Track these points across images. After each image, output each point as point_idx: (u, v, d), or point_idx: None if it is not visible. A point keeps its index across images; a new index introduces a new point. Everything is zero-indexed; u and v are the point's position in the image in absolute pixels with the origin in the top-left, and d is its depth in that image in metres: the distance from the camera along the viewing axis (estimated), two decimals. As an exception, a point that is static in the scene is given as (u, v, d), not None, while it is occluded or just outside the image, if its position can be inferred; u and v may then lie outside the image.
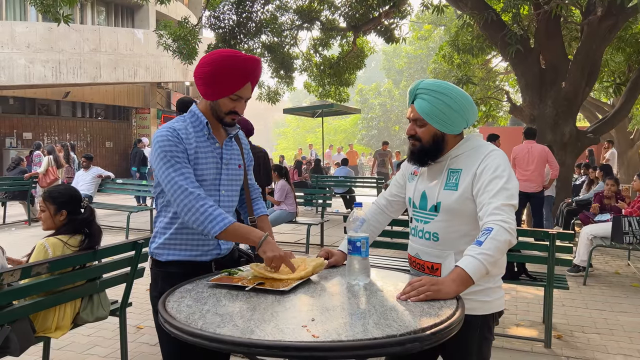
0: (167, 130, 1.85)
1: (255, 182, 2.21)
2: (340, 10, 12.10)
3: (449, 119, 1.77)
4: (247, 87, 1.87)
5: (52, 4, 7.66)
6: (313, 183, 11.61)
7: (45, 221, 2.77)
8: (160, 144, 1.81)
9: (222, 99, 1.86)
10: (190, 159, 1.84)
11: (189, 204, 1.76)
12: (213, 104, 1.90)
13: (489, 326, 1.81)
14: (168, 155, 1.80)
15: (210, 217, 1.75)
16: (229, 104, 1.88)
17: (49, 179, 9.47)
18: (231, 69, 1.81)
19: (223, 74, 1.82)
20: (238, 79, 1.83)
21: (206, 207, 1.76)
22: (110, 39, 17.24)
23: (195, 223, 1.76)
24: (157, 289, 1.90)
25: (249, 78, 1.86)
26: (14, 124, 17.45)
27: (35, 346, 2.67)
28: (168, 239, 1.90)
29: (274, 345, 1.20)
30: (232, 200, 2.02)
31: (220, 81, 1.83)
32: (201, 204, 1.76)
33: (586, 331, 4.03)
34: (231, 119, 1.91)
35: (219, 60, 1.81)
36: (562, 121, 8.11)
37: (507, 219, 1.61)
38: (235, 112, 1.90)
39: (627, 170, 16.24)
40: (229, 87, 1.84)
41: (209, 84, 1.85)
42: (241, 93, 1.86)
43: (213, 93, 1.86)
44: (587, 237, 5.68)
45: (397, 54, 40.23)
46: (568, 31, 10.19)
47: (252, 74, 1.86)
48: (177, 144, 1.82)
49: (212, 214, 1.75)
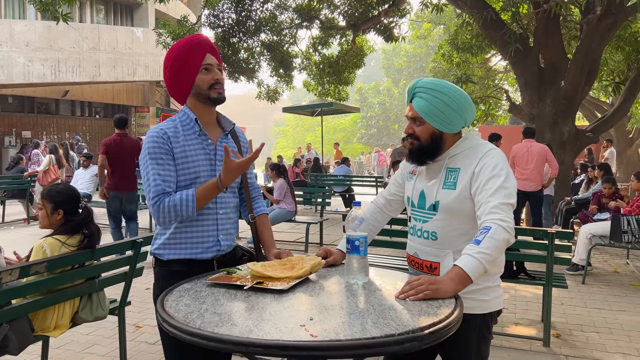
0: (154, 131, 1.89)
1: (255, 181, 2.21)
2: (340, 8, 12.09)
3: (447, 117, 1.77)
4: (210, 57, 1.92)
5: (51, 3, 7.65)
6: (312, 182, 11.61)
7: (42, 219, 2.77)
8: (147, 145, 1.87)
9: (197, 79, 1.90)
10: (177, 157, 1.87)
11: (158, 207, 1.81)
12: (194, 91, 1.92)
13: (487, 325, 1.81)
14: (153, 157, 1.85)
15: (177, 207, 1.81)
16: (205, 78, 1.90)
17: (49, 178, 9.45)
18: (184, 51, 1.88)
19: (182, 58, 1.88)
20: (196, 54, 1.89)
21: (168, 203, 1.81)
22: (109, 38, 17.22)
23: (174, 219, 1.83)
24: (160, 287, 1.90)
25: (203, 49, 1.90)
26: (13, 123, 17.44)
27: (34, 345, 2.67)
28: (168, 238, 1.90)
29: (272, 344, 1.20)
30: (229, 198, 2.01)
31: (183, 65, 1.88)
32: (163, 204, 1.81)
33: (585, 330, 4.03)
34: (217, 92, 1.92)
35: (170, 54, 1.90)
36: (561, 120, 8.12)
37: (505, 217, 1.61)
38: (217, 82, 1.92)
39: (626, 169, 16.25)
40: (193, 64, 1.88)
41: (177, 74, 1.90)
42: (207, 61, 1.90)
43: (186, 78, 1.90)
44: (586, 235, 5.68)
45: (396, 53, 40.21)
46: (567, 30, 10.19)
47: (204, 46, 1.91)
48: (162, 145, 1.85)
49: (176, 203, 1.81)
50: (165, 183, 1.83)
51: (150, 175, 1.84)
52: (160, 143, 1.85)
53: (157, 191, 1.82)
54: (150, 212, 1.85)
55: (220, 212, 1.96)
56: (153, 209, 1.82)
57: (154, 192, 1.82)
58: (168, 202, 1.81)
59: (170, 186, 1.85)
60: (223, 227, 1.97)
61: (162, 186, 1.83)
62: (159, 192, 1.82)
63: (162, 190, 1.82)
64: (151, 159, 1.84)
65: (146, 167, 1.85)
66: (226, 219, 1.99)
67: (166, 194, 1.83)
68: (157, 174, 1.83)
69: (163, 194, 1.82)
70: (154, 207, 1.82)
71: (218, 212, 1.95)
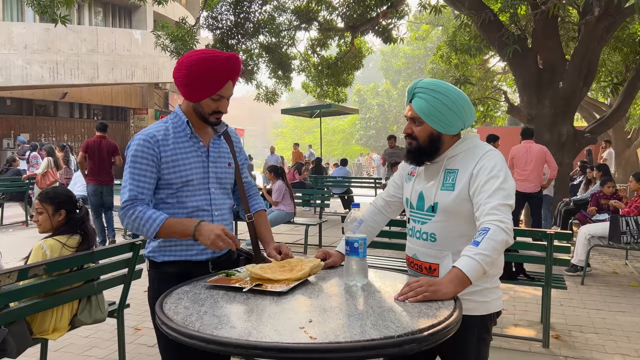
0: (142, 135, 1.88)
1: (251, 179, 2.20)
2: (338, 10, 12.10)
3: (446, 118, 1.77)
4: (228, 86, 1.88)
5: (49, 5, 7.65)
6: (311, 183, 11.60)
7: (42, 223, 2.76)
8: (131, 149, 1.86)
9: (204, 100, 1.87)
10: (167, 160, 1.86)
11: (126, 213, 1.83)
12: (195, 105, 1.90)
13: (486, 326, 1.81)
14: (133, 162, 1.85)
15: (142, 222, 1.80)
16: (211, 105, 1.88)
17: (48, 181, 9.43)
18: (210, 71, 1.81)
19: (202, 77, 1.81)
20: (218, 79, 1.83)
21: (137, 214, 1.81)
22: (107, 40, 17.21)
23: (135, 230, 1.84)
24: (154, 290, 1.90)
25: (228, 77, 1.86)
26: (11, 125, 17.42)
27: (32, 348, 2.66)
28: (163, 241, 1.90)
29: (271, 347, 1.20)
30: (224, 199, 2.01)
31: (199, 83, 1.83)
32: (132, 212, 1.82)
33: (584, 331, 4.03)
34: (215, 118, 1.92)
35: (196, 63, 1.81)
36: (559, 121, 8.12)
37: (504, 219, 1.61)
38: (219, 112, 1.90)
39: (624, 170, 16.25)
40: (210, 89, 1.84)
41: (188, 85, 1.85)
42: (223, 92, 1.87)
43: (193, 95, 1.87)
44: (585, 236, 5.68)
45: (394, 54, 40.23)
46: (565, 31, 10.21)
47: (231, 73, 1.86)
48: (147, 149, 1.84)
49: (143, 217, 1.80)
50: (139, 189, 1.84)
51: (127, 180, 1.85)
52: (145, 147, 1.85)
53: (129, 196, 1.83)
54: (119, 215, 1.87)
55: (215, 213, 1.96)
56: (121, 212, 1.84)
57: (126, 196, 1.84)
58: (137, 212, 1.82)
59: (144, 192, 1.85)
60: None
61: (134, 192, 1.84)
62: (131, 198, 1.83)
63: (134, 197, 1.83)
64: (132, 164, 1.85)
65: (125, 171, 1.86)
66: (222, 220, 1.99)
67: (138, 200, 1.83)
68: (132, 179, 1.84)
69: (135, 199, 1.83)
70: (122, 211, 1.84)
71: (214, 214, 1.95)
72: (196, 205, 1.92)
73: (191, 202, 1.91)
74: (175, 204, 1.90)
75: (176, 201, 1.90)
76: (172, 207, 1.90)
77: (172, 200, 1.90)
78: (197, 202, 1.92)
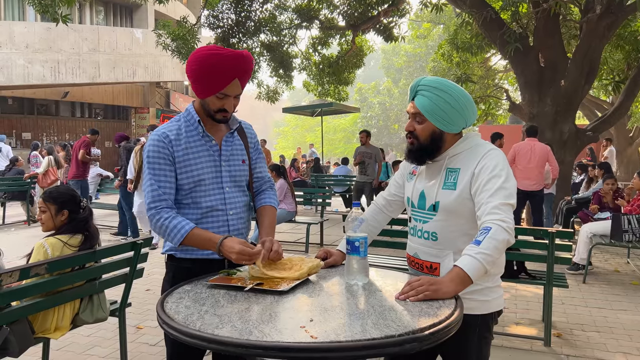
0: (156, 134, 1.89)
1: (266, 174, 2.16)
2: (339, 9, 12.09)
3: (448, 117, 1.76)
4: (234, 84, 1.84)
5: (50, 4, 7.65)
6: (312, 182, 11.60)
7: (45, 222, 2.76)
8: (147, 150, 1.88)
9: (210, 97, 1.86)
10: (179, 160, 1.87)
11: (152, 218, 1.84)
12: (203, 102, 1.90)
13: (488, 325, 1.81)
14: (150, 163, 1.86)
15: (167, 230, 1.82)
16: (216, 102, 1.86)
17: (49, 180, 9.44)
18: (214, 68, 1.78)
19: (207, 73, 1.80)
20: (223, 77, 1.80)
21: (162, 221, 1.82)
22: (109, 39, 17.22)
23: (161, 236, 1.86)
24: (170, 281, 1.92)
25: (235, 75, 1.82)
26: (13, 124, 17.45)
27: (34, 347, 2.66)
28: None
29: (272, 346, 1.20)
30: (239, 197, 2.00)
31: (205, 80, 1.81)
32: (157, 218, 1.83)
33: (586, 329, 4.03)
34: (222, 116, 1.90)
35: (202, 59, 1.79)
36: (561, 119, 8.11)
37: (506, 218, 1.61)
38: (224, 110, 1.88)
39: (626, 168, 16.23)
40: (214, 86, 1.82)
41: (196, 81, 1.85)
42: (228, 91, 1.84)
43: (202, 91, 1.86)
44: (587, 235, 5.67)
45: (396, 53, 40.20)
46: (567, 29, 10.18)
47: (238, 71, 1.82)
48: (162, 149, 1.86)
49: (169, 226, 1.81)
50: (161, 189, 1.85)
51: (147, 181, 1.86)
52: (160, 147, 1.86)
53: (153, 197, 1.84)
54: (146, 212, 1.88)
55: (230, 212, 1.95)
56: (148, 214, 1.85)
57: (150, 198, 1.85)
58: (162, 219, 1.83)
59: (166, 192, 1.86)
60: (234, 226, 1.97)
61: (157, 192, 1.85)
62: (155, 199, 1.84)
63: (158, 198, 1.84)
64: (149, 165, 1.86)
65: (145, 172, 1.88)
66: (237, 219, 1.98)
67: (162, 201, 1.84)
68: (153, 180, 1.85)
69: (160, 201, 1.84)
70: (149, 214, 1.85)
71: (228, 213, 1.95)
72: (210, 205, 1.91)
73: (205, 202, 1.91)
74: (191, 204, 1.91)
75: (191, 202, 1.91)
76: (188, 208, 1.91)
77: (187, 201, 1.91)
78: (211, 202, 1.91)
